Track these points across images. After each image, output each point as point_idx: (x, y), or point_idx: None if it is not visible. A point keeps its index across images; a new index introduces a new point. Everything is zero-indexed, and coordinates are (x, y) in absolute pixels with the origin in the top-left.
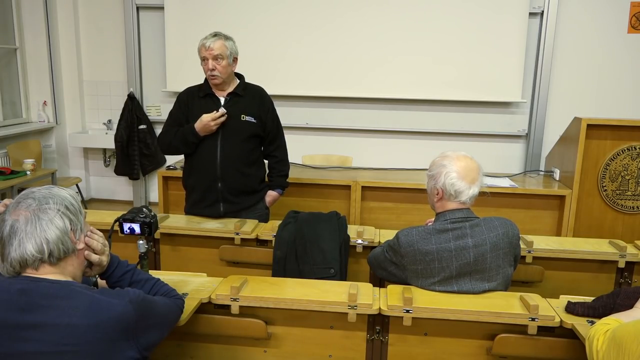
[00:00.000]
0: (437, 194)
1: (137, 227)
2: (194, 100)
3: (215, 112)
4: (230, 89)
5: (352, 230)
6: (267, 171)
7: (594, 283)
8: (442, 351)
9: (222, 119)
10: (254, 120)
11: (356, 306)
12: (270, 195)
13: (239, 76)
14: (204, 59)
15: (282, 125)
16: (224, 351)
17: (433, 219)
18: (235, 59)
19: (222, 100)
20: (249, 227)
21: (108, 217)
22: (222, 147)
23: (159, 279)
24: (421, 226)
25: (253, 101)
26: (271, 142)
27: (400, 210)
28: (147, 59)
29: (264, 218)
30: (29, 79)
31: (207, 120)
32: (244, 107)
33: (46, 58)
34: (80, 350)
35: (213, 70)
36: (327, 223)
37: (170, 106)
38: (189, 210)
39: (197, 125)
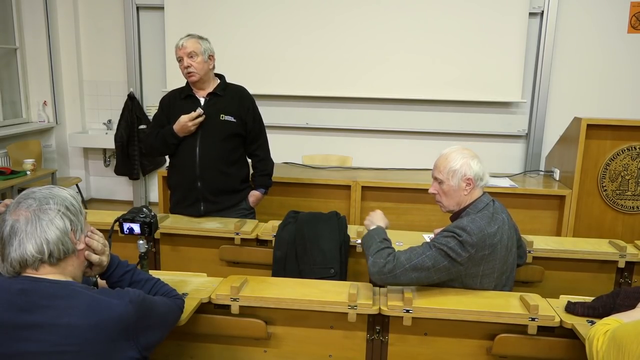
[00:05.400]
0: (469, 184)
1: (137, 227)
2: (175, 102)
3: (192, 112)
4: (210, 89)
5: (352, 230)
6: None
7: (594, 283)
8: (442, 351)
9: (200, 119)
10: (233, 120)
11: (356, 306)
12: (253, 195)
13: (220, 77)
14: (179, 60)
15: (283, 125)
16: (224, 351)
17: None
18: (211, 57)
19: (202, 100)
20: (249, 227)
21: (108, 217)
22: (200, 146)
23: (159, 279)
24: (471, 216)
25: (233, 100)
26: (253, 141)
27: (400, 210)
28: (147, 59)
29: (248, 218)
30: (29, 79)
31: (185, 121)
32: (223, 106)
33: (46, 58)
34: (80, 351)
35: (188, 67)
36: (327, 223)
37: None
38: (172, 210)
39: (176, 126)
